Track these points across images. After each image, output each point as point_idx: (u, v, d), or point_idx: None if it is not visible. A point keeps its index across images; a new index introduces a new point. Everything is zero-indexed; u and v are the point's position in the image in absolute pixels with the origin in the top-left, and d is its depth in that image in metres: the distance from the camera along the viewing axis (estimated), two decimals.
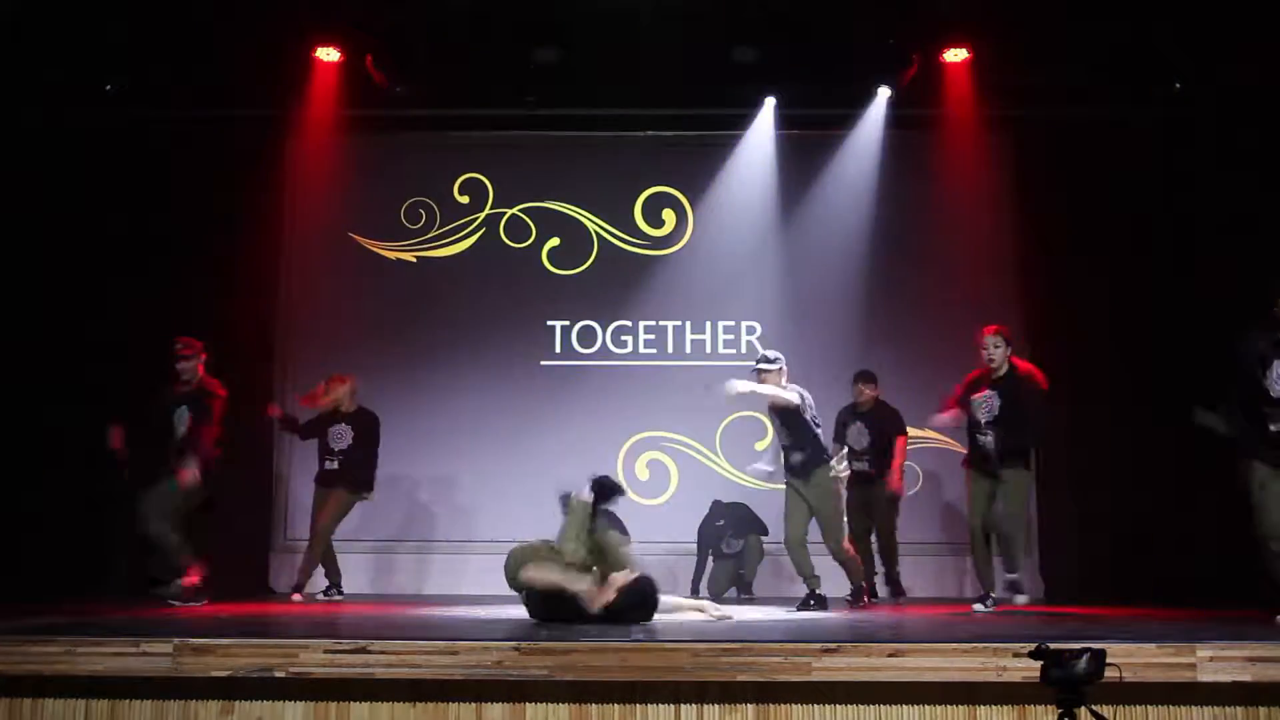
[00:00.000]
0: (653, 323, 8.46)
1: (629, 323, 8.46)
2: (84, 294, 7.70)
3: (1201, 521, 6.99)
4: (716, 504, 7.73)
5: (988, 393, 6.00)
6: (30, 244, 7.54)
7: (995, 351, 5.96)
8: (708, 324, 8.43)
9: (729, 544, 7.58)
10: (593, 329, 8.42)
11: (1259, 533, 4.93)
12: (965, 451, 6.29)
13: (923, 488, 7.98)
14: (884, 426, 6.98)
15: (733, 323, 8.42)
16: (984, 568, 6.05)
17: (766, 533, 7.51)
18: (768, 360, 6.17)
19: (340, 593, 7.16)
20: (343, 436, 7.14)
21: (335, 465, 7.13)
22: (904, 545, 7.26)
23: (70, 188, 7.76)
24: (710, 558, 7.62)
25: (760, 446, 8.23)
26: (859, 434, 7.02)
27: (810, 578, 6.10)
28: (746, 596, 7.47)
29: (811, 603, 6.02)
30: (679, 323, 8.44)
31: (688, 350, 8.39)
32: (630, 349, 8.44)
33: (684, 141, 8.55)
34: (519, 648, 3.42)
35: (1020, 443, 5.98)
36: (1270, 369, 4.92)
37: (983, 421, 5.98)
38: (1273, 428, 4.89)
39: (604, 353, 8.39)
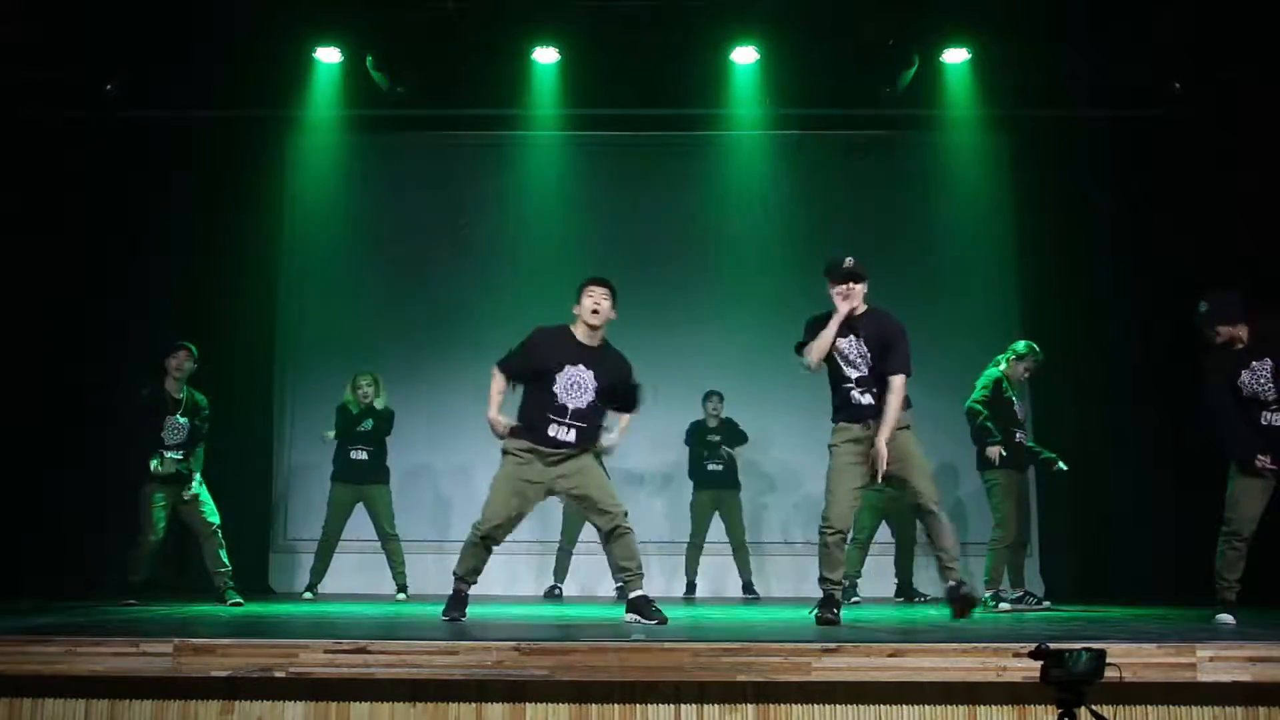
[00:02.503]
0: (653, 322, 8.45)
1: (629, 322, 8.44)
2: (83, 294, 7.70)
3: (1201, 521, 6.97)
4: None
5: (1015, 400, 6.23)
6: (29, 243, 7.54)
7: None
8: (708, 324, 8.42)
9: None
10: None
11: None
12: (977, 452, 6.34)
13: None
14: None
15: (733, 322, 8.42)
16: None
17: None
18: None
19: (313, 594, 7.11)
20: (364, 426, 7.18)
21: (364, 455, 7.12)
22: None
23: (70, 188, 7.76)
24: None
25: None
26: None
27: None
28: (751, 596, 7.48)
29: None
30: (679, 322, 8.43)
31: (688, 350, 8.38)
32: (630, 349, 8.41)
33: (683, 141, 8.54)
34: (519, 648, 3.41)
35: None
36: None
37: (1019, 417, 6.21)
38: None
39: None
